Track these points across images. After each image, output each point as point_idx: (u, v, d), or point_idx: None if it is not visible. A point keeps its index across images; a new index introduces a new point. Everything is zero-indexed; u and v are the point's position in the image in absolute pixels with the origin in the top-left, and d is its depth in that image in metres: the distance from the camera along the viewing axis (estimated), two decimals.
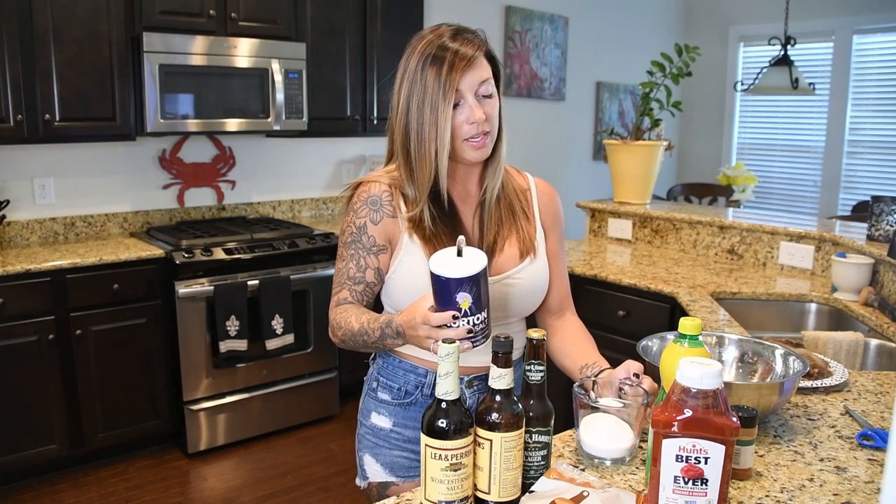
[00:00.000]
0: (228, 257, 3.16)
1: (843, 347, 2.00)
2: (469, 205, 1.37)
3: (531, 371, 1.06)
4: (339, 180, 4.24)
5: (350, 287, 1.33)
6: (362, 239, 1.32)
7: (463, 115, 1.26)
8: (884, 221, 2.46)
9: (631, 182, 3.40)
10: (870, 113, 5.36)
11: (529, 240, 1.37)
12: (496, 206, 1.36)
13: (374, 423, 1.41)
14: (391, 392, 1.38)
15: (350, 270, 1.33)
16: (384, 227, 1.31)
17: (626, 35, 5.71)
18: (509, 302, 1.33)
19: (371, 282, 1.33)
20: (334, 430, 3.49)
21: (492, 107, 1.29)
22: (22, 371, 2.79)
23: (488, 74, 1.28)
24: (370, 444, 1.42)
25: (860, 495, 1.07)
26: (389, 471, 1.39)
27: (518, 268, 1.34)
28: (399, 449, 1.39)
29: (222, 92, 3.28)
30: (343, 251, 1.35)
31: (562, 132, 5.42)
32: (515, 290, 1.33)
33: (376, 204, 1.31)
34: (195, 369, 3.14)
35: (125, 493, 2.90)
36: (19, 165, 3.23)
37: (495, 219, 1.36)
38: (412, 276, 1.29)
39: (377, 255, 1.32)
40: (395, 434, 1.38)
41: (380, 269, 1.33)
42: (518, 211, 1.39)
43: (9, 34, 2.82)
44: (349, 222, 1.34)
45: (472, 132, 1.26)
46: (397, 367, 1.38)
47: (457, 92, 1.24)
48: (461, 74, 1.24)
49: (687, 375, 0.91)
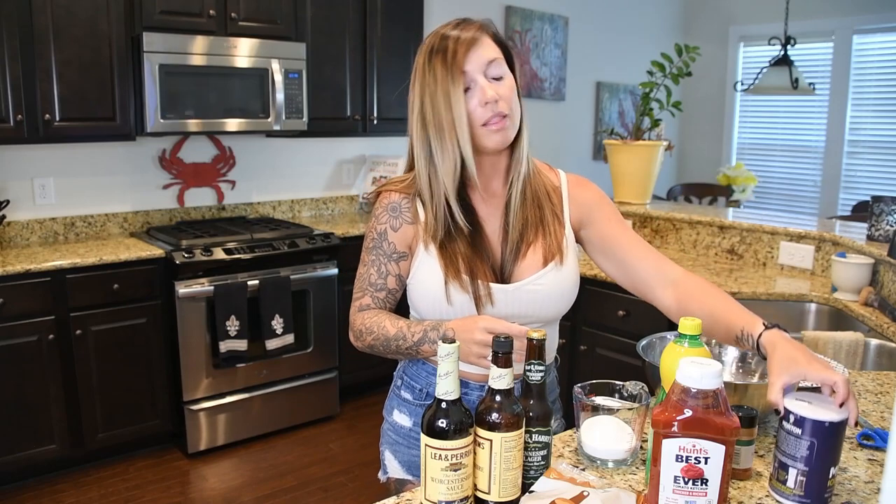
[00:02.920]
0: (228, 257, 3.16)
1: (843, 347, 2.00)
2: (493, 205, 1.33)
3: (531, 371, 1.06)
4: (339, 180, 4.24)
5: (372, 294, 1.32)
6: (383, 245, 1.31)
7: (475, 98, 1.23)
8: (884, 221, 2.46)
9: (631, 182, 3.40)
10: (870, 113, 5.36)
11: (556, 244, 1.32)
12: (522, 204, 1.32)
13: (395, 421, 1.42)
14: (413, 392, 1.38)
15: (371, 277, 1.32)
16: (404, 233, 1.30)
17: (626, 35, 5.71)
18: (532, 307, 1.30)
19: (393, 288, 1.32)
20: (334, 430, 3.49)
21: (505, 88, 1.24)
22: (22, 371, 2.79)
23: (496, 55, 1.25)
24: (391, 441, 1.43)
25: (860, 495, 1.07)
26: (407, 469, 1.40)
27: (540, 273, 1.29)
28: (417, 448, 1.38)
29: (222, 92, 3.28)
30: (365, 256, 1.34)
31: (562, 132, 5.42)
32: (538, 297, 1.29)
33: (396, 210, 1.31)
34: (195, 369, 3.14)
35: (125, 493, 2.90)
36: (19, 165, 3.23)
37: (521, 219, 1.31)
38: (426, 286, 1.28)
39: (398, 261, 1.31)
40: (414, 433, 1.38)
41: (401, 276, 1.32)
42: (547, 212, 1.34)
43: (9, 34, 2.82)
44: (371, 228, 1.33)
45: (487, 115, 1.23)
46: (421, 368, 1.37)
47: (465, 74, 1.22)
48: (465, 55, 1.22)
49: (687, 375, 0.91)
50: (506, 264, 1.30)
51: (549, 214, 1.34)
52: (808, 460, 1.00)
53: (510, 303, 1.28)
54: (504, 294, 1.28)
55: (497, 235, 1.32)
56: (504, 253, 1.31)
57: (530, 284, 1.29)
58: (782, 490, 1.03)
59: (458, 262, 1.26)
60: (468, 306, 1.26)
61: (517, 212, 1.31)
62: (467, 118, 1.22)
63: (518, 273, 1.30)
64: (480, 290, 1.26)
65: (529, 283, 1.29)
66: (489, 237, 1.31)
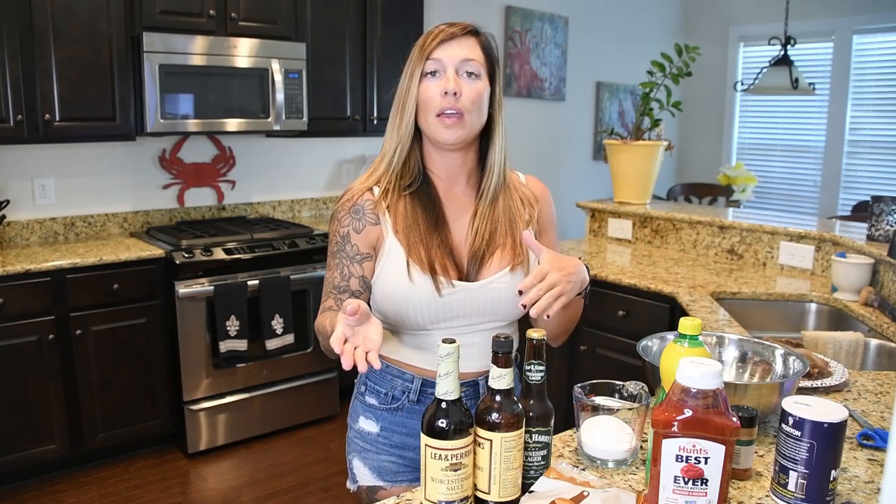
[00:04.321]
0: (228, 257, 3.16)
1: (843, 347, 2.00)
2: (461, 209, 1.35)
3: (531, 371, 1.06)
4: (339, 180, 4.24)
5: (335, 296, 1.32)
6: (346, 248, 1.31)
7: (439, 84, 1.26)
8: (884, 221, 2.46)
9: (631, 182, 3.40)
10: (870, 113, 5.36)
11: (523, 253, 1.33)
12: (491, 212, 1.33)
13: (361, 427, 1.41)
14: (378, 397, 1.38)
15: (335, 279, 1.32)
16: (367, 234, 1.31)
17: (626, 35, 5.71)
18: (495, 305, 1.31)
19: (356, 290, 1.32)
20: (334, 430, 3.49)
21: (473, 89, 1.26)
22: (22, 371, 2.79)
23: (474, 56, 1.28)
24: (359, 448, 1.41)
25: (860, 495, 1.07)
26: (377, 475, 1.39)
27: (502, 273, 1.30)
28: (386, 454, 1.38)
29: (222, 92, 3.28)
30: (329, 260, 1.34)
31: (562, 132, 5.42)
32: (500, 294, 1.30)
33: (359, 213, 1.31)
34: (195, 369, 3.14)
35: (125, 493, 2.90)
36: (19, 165, 3.23)
37: (489, 227, 1.32)
38: (389, 270, 1.29)
39: (361, 263, 1.31)
40: (382, 438, 1.38)
41: (364, 277, 1.32)
42: (518, 222, 1.35)
43: (9, 34, 2.82)
44: (334, 231, 1.34)
45: (443, 105, 1.25)
46: (384, 372, 1.37)
47: (436, 61, 1.26)
48: (439, 43, 1.27)
49: (687, 375, 0.91)
50: (470, 266, 1.31)
51: (521, 224, 1.35)
52: (808, 462, 1.00)
53: (472, 300, 1.29)
54: (467, 291, 1.29)
55: (462, 236, 1.33)
56: (468, 255, 1.32)
57: (496, 282, 1.30)
58: (783, 494, 1.03)
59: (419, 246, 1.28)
60: (429, 287, 1.26)
61: (485, 219, 1.33)
62: (420, 101, 1.28)
63: (482, 275, 1.31)
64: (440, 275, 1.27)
65: (495, 281, 1.30)
66: (454, 235, 1.32)
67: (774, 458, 1.05)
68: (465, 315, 1.30)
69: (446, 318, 1.29)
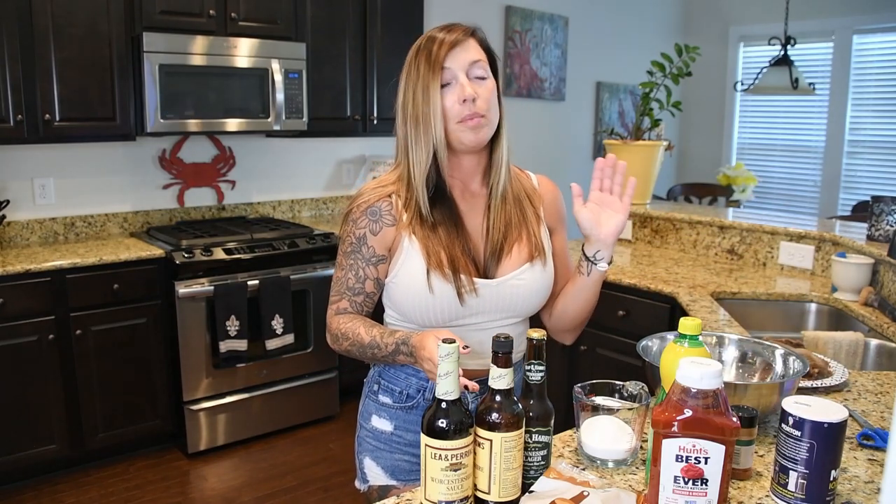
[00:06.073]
0: (228, 257, 3.16)
1: (843, 347, 2.00)
2: (475, 206, 1.36)
3: (531, 371, 1.07)
4: (339, 180, 4.24)
5: (350, 297, 1.33)
6: (362, 250, 1.32)
7: (454, 94, 1.26)
8: (884, 221, 2.46)
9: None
10: (870, 113, 5.36)
11: (540, 245, 1.35)
12: (503, 206, 1.34)
13: (374, 427, 1.41)
14: (392, 395, 1.38)
15: (349, 281, 1.33)
16: (383, 236, 1.31)
17: (626, 35, 5.71)
18: (513, 301, 1.32)
19: (371, 292, 1.33)
20: (334, 430, 3.49)
21: (486, 89, 1.28)
22: (22, 371, 2.79)
23: (479, 56, 1.29)
24: (371, 448, 1.41)
25: (860, 495, 1.07)
26: (390, 475, 1.39)
27: (523, 268, 1.32)
28: (400, 452, 1.38)
29: (222, 92, 3.28)
30: (342, 260, 1.35)
31: (562, 132, 5.42)
32: (520, 291, 1.32)
33: (375, 214, 1.31)
34: (195, 369, 3.14)
35: (125, 493, 2.90)
36: (19, 165, 3.23)
37: (503, 220, 1.34)
38: (409, 278, 1.29)
39: (376, 265, 1.32)
40: (396, 437, 1.38)
41: (379, 279, 1.33)
42: (529, 214, 1.37)
43: (9, 34, 2.82)
44: (349, 233, 1.33)
45: (464, 112, 1.26)
46: (399, 370, 1.37)
47: (447, 70, 1.26)
48: (448, 52, 1.26)
49: (687, 375, 0.91)
50: (489, 261, 1.32)
51: (531, 216, 1.38)
52: (808, 463, 1.00)
53: (492, 297, 1.30)
54: (487, 289, 1.30)
55: (479, 233, 1.34)
56: (486, 251, 1.32)
57: (515, 279, 1.32)
58: (783, 494, 1.03)
59: (440, 253, 1.27)
60: (450, 296, 1.27)
61: (499, 213, 1.34)
62: (443, 113, 1.26)
63: (501, 270, 1.32)
64: (463, 282, 1.27)
65: (514, 278, 1.32)
66: (471, 233, 1.33)
67: (774, 458, 1.05)
68: (484, 312, 1.31)
69: (464, 316, 1.30)
